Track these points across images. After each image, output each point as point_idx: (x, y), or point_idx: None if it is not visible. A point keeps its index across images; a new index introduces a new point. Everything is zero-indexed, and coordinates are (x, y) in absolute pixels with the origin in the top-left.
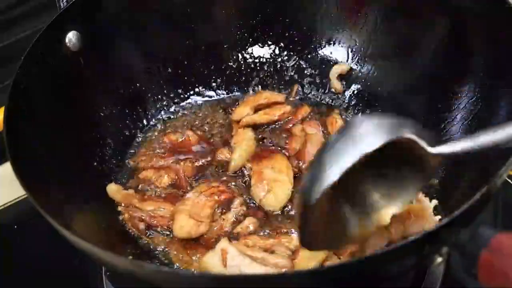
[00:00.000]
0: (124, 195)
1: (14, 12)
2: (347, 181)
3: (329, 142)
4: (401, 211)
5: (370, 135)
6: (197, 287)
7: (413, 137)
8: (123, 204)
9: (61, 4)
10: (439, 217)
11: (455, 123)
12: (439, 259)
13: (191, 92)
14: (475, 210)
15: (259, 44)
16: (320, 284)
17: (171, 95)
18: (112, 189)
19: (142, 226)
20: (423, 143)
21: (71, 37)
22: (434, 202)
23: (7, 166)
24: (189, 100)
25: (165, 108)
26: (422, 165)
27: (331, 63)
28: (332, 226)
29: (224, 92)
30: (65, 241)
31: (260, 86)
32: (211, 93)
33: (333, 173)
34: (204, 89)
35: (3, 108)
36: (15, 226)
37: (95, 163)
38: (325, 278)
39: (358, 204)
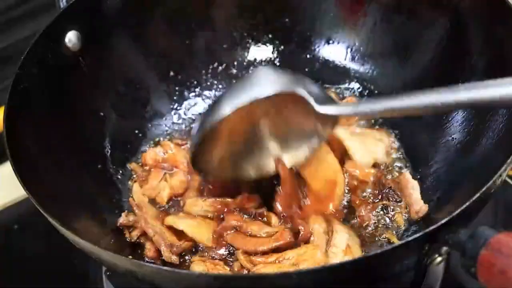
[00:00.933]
0: (142, 200)
1: (14, 12)
2: (242, 121)
3: (229, 87)
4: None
5: (265, 83)
6: (197, 287)
7: (304, 93)
8: (133, 207)
9: (61, 4)
10: None
11: (455, 123)
12: (439, 259)
13: (191, 92)
14: (475, 209)
15: (259, 44)
16: (320, 283)
17: (171, 95)
18: (135, 190)
19: (136, 232)
20: (311, 101)
21: (71, 37)
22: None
23: (7, 166)
24: (189, 101)
25: (165, 107)
26: (316, 124)
27: (331, 63)
28: (222, 158)
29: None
30: (65, 241)
31: None
32: (211, 93)
33: (224, 109)
34: (204, 89)
35: (3, 108)
36: (15, 226)
37: (95, 163)
38: (325, 277)
39: (253, 146)
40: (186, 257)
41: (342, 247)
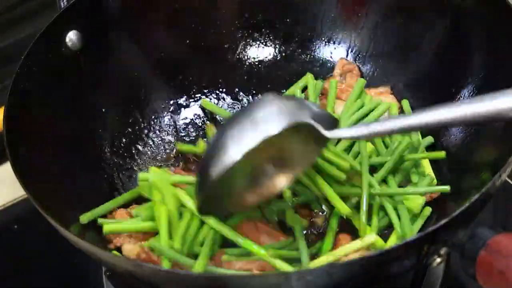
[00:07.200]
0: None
1: (14, 12)
2: (246, 159)
3: (230, 122)
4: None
5: (272, 119)
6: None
7: (312, 122)
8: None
9: (61, 4)
10: None
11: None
12: (439, 260)
13: (192, 93)
14: (475, 210)
15: (260, 44)
16: (318, 283)
17: (172, 96)
18: None
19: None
20: (321, 129)
21: (71, 37)
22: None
23: (7, 166)
24: (190, 101)
25: (166, 108)
26: (317, 142)
27: (332, 63)
28: (228, 197)
29: (224, 92)
30: (65, 241)
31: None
32: (212, 93)
33: (234, 154)
34: (204, 89)
35: (3, 108)
36: (15, 226)
37: (95, 164)
38: (323, 277)
39: (257, 176)
40: None
41: None
